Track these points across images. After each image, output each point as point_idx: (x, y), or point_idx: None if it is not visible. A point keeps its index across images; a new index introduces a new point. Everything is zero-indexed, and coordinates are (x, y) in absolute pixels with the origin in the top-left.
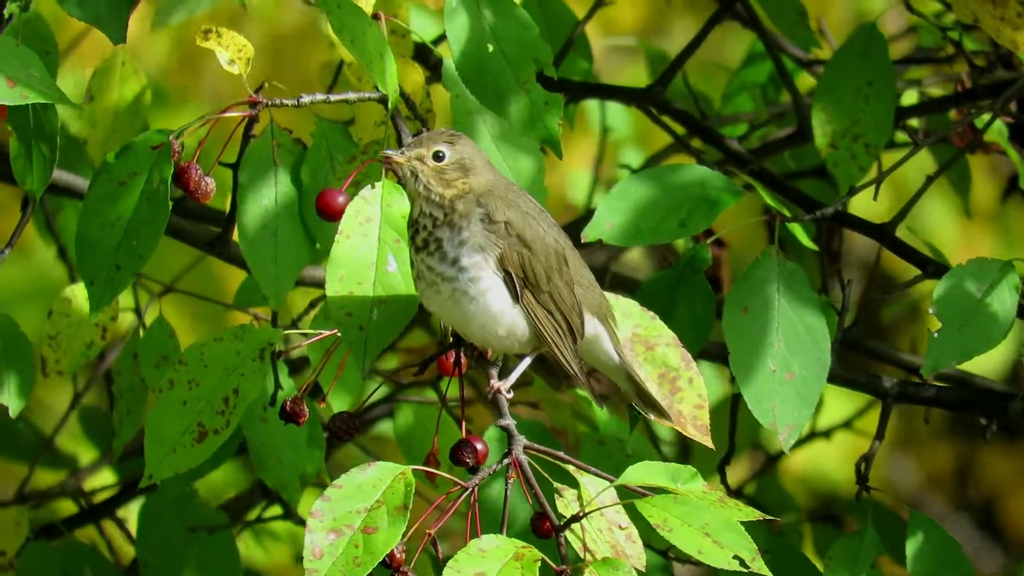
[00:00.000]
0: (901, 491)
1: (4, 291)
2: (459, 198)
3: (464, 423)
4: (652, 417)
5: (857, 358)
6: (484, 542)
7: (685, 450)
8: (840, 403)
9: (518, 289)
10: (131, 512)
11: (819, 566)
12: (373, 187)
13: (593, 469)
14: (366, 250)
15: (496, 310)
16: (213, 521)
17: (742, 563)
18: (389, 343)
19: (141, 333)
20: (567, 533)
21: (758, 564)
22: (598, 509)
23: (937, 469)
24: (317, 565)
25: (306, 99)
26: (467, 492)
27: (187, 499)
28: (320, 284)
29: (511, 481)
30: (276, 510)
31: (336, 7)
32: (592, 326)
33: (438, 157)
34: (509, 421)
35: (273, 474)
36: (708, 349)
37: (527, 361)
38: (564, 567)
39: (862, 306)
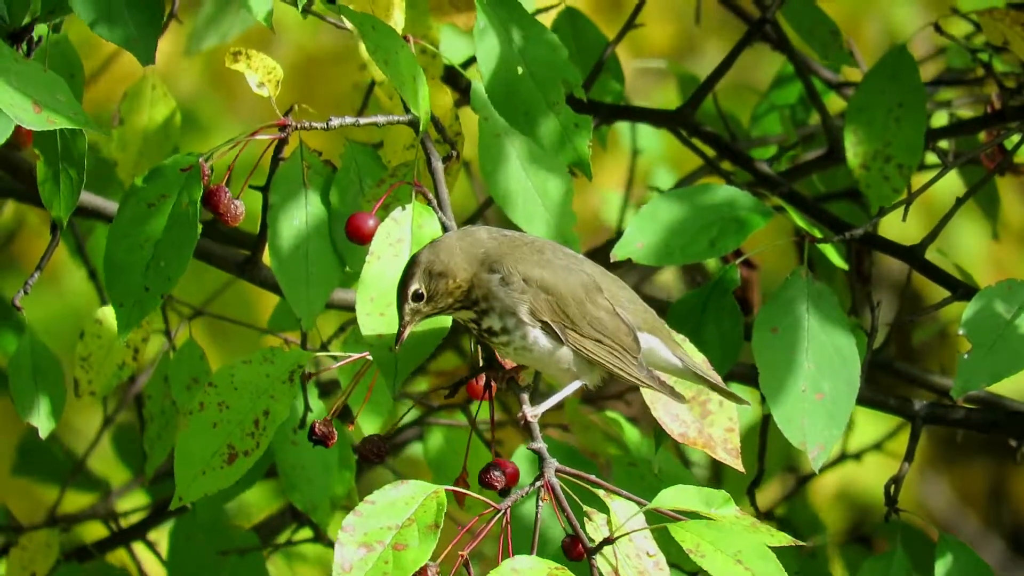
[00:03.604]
0: (933, 512)
1: (35, 313)
2: (467, 291)
3: (494, 446)
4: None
5: (887, 380)
6: (517, 562)
7: (716, 472)
8: (871, 425)
9: (559, 333)
10: (162, 535)
11: None
12: (404, 209)
13: (625, 493)
14: (397, 271)
15: (551, 352)
16: (244, 544)
17: None
18: (419, 364)
19: (171, 356)
20: (597, 558)
21: None
22: (629, 533)
23: (969, 490)
24: None
25: (335, 122)
26: (500, 514)
27: (218, 522)
28: (350, 307)
29: (543, 504)
30: (306, 533)
31: (371, 29)
32: (644, 340)
33: (418, 297)
34: (541, 444)
35: (303, 496)
36: (737, 370)
37: (565, 392)
38: None
39: (893, 328)
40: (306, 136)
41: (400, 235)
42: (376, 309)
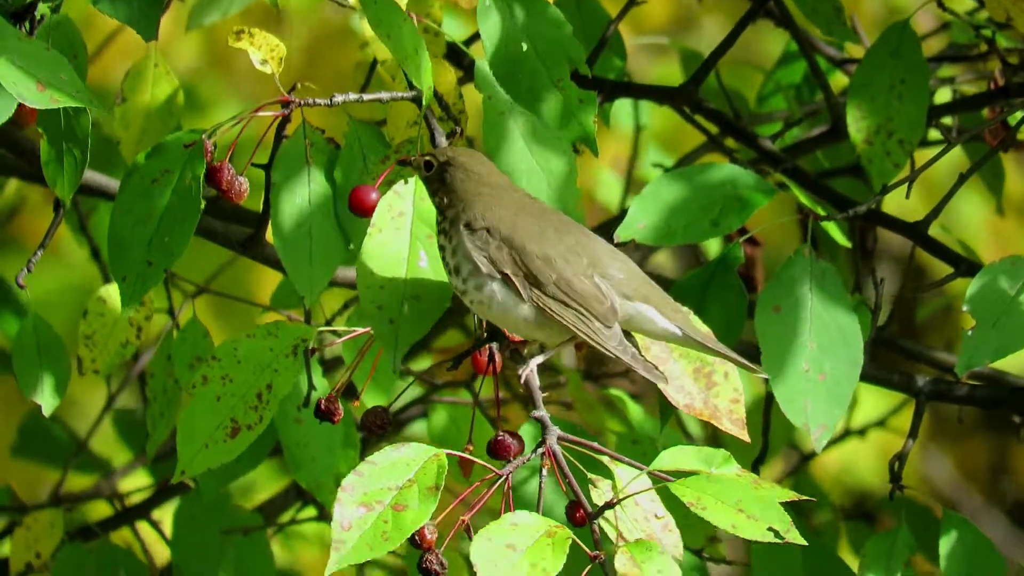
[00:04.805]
0: (935, 487)
1: (37, 291)
2: (444, 208)
3: (499, 419)
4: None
5: (891, 356)
6: (517, 516)
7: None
8: (874, 401)
9: (520, 289)
10: (166, 514)
11: (853, 564)
12: (406, 182)
13: (626, 459)
14: (398, 244)
15: (513, 309)
16: (247, 523)
17: (776, 535)
18: (420, 337)
19: (175, 334)
20: (602, 523)
21: (792, 535)
22: (631, 496)
23: (971, 465)
24: (345, 537)
25: (339, 99)
26: (501, 479)
27: (222, 501)
28: (353, 285)
29: (545, 470)
30: (310, 511)
31: (372, 2)
32: (635, 308)
33: (428, 167)
34: (543, 412)
35: (308, 475)
36: (741, 349)
37: (559, 347)
38: (598, 552)
39: (896, 304)
40: (308, 115)
41: (402, 208)
42: (377, 282)
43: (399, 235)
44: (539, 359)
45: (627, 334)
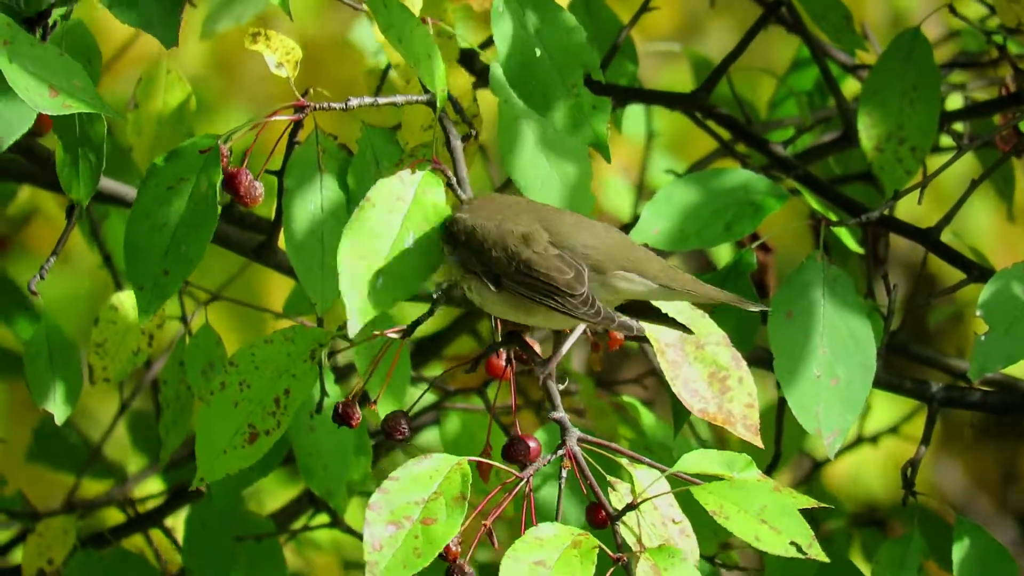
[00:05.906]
0: (946, 494)
1: (49, 299)
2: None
3: (516, 422)
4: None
5: (903, 363)
6: (541, 530)
7: None
8: (885, 408)
9: (488, 280)
10: (178, 521)
11: (866, 571)
12: (413, 172)
13: (647, 460)
14: (389, 224)
15: (493, 298)
16: (260, 530)
17: (799, 549)
18: (390, 306)
19: (187, 341)
20: (621, 527)
21: (815, 550)
22: (653, 497)
23: (982, 472)
24: (377, 558)
25: (354, 102)
26: (522, 482)
27: (234, 508)
28: None
29: (566, 471)
30: (323, 518)
31: (383, 6)
32: (607, 278)
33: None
34: (562, 414)
35: (320, 482)
36: (753, 354)
37: (572, 339)
38: (621, 555)
39: (908, 310)
40: (320, 121)
41: (402, 194)
42: (357, 254)
43: (392, 216)
44: (557, 357)
45: (627, 309)
